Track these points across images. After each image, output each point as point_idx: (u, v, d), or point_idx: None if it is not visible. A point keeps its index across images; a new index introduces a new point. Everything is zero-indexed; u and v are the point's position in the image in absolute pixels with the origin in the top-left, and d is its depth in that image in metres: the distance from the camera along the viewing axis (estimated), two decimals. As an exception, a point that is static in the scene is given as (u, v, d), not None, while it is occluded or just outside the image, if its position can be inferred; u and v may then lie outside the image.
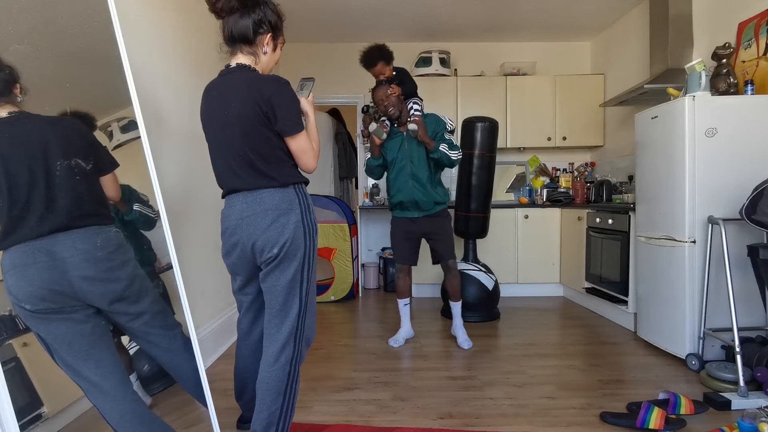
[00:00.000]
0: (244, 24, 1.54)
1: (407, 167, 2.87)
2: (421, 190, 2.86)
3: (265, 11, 1.57)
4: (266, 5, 1.58)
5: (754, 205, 2.18)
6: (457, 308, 3.09)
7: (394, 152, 2.89)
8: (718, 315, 2.47)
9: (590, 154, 4.88)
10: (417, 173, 2.85)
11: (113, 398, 1.45)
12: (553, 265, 4.30)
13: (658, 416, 1.86)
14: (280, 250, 1.55)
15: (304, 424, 1.94)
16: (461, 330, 3.04)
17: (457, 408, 2.09)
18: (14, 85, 1.40)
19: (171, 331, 1.64)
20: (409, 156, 2.87)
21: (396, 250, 3.04)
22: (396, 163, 2.90)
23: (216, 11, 1.55)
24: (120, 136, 1.69)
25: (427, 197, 2.88)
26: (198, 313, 2.54)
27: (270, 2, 1.61)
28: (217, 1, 1.52)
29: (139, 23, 2.14)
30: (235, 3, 1.52)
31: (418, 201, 2.87)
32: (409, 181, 2.86)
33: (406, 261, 3.02)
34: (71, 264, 1.38)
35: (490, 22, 4.32)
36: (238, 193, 1.59)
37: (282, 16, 1.64)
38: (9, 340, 1.47)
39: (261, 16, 1.56)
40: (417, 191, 2.86)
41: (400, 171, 2.89)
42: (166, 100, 2.39)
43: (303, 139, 1.58)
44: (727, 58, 2.66)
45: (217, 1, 1.52)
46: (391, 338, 3.06)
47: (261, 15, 1.56)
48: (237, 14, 1.54)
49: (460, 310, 3.09)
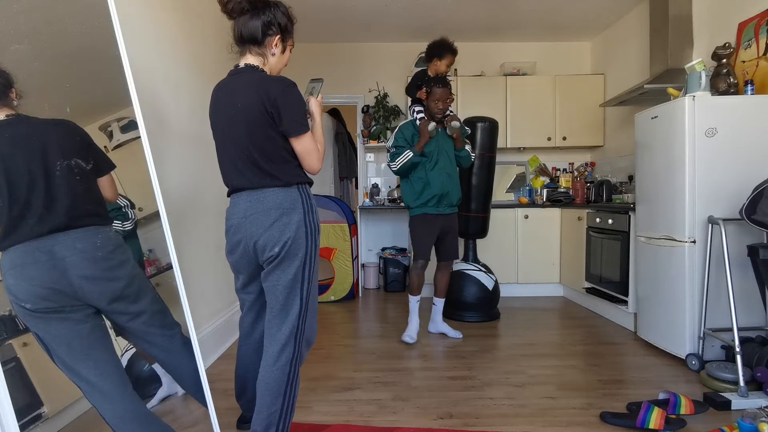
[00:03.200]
0: (254, 25, 1.56)
1: (441, 163, 2.99)
2: (453, 185, 3.03)
3: (275, 13, 1.58)
4: (277, 8, 1.60)
5: (754, 205, 2.18)
6: (441, 304, 3.24)
7: (430, 148, 2.98)
8: (718, 315, 2.47)
9: (590, 154, 4.88)
10: (449, 168, 3.01)
11: (112, 399, 1.45)
12: (553, 265, 4.30)
13: (658, 416, 1.86)
14: (281, 250, 1.55)
15: (304, 424, 1.94)
16: (445, 324, 3.21)
17: (457, 408, 2.09)
18: (11, 90, 1.41)
19: (170, 331, 1.64)
20: (443, 151, 3.01)
21: (419, 245, 3.07)
22: (432, 157, 2.99)
23: (227, 12, 1.57)
24: (120, 136, 1.69)
25: (457, 191, 3.06)
26: (198, 313, 2.54)
27: (281, 5, 1.62)
28: (228, 2, 1.54)
29: (139, 23, 2.14)
30: (246, 4, 1.54)
31: (451, 194, 3.00)
32: (443, 175, 2.98)
33: (427, 256, 3.10)
34: (71, 263, 1.38)
35: (490, 22, 4.32)
36: (242, 191, 1.60)
37: (293, 19, 1.65)
38: (9, 340, 1.47)
39: (271, 18, 1.57)
40: (450, 185, 3.00)
41: (435, 166, 2.98)
42: (166, 100, 2.39)
43: (308, 140, 1.58)
44: (727, 58, 2.66)
45: (229, 1, 1.54)
46: (405, 335, 3.07)
47: (271, 17, 1.57)
48: (247, 15, 1.56)
49: (442, 306, 3.26)
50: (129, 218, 1.75)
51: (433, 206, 2.99)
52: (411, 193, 3.04)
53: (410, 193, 3.05)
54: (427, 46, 3.21)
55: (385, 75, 4.85)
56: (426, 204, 2.99)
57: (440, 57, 3.12)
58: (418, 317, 3.14)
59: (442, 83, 2.94)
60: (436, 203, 2.99)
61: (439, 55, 3.12)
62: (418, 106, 3.14)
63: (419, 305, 3.14)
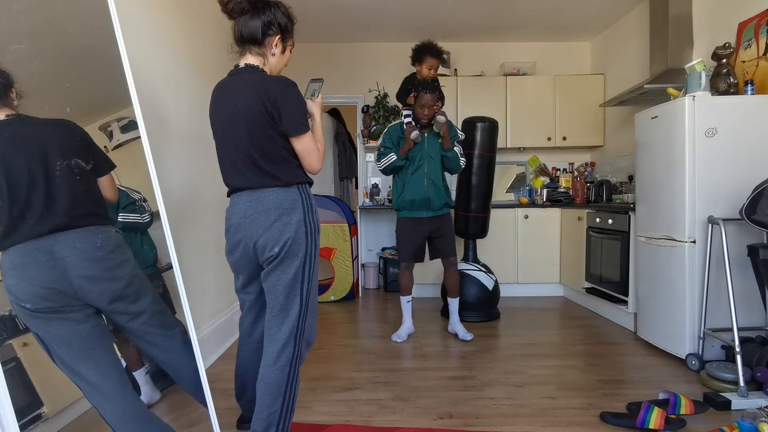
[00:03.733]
0: (254, 25, 1.57)
1: (424, 167, 2.97)
2: (434, 191, 2.98)
3: (275, 13, 1.59)
4: (277, 8, 1.60)
5: (754, 205, 2.18)
6: (455, 305, 3.17)
7: (414, 152, 2.97)
8: (718, 315, 2.47)
9: (590, 154, 4.88)
10: (432, 174, 2.97)
11: (112, 399, 1.45)
12: (553, 265, 4.30)
13: (658, 416, 1.86)
14: (281, 250, 1.55)
15: (304, 424, 1.94)
16: (460, 325, 3.13)
17: (457, 408, 2.09)
18: (11, 90, 1.41)
19: (170, 331, 1.64)
20: (428, 156, 2.97)
21: (402, 248, 3.08)
22: (414, 162, 2.98)
23: (227, 12, 1.58)
24: (120, 136, 1.69)
25: (439, 198, 3.00)
26: (198, 313, 2.54)
27: (282, 5, 1.62)
28: (228, 2, 1.55)
29: (139, 23, 2.14)
30: (246, 4, 1.55)
31: (431, 200, 2.97)
32: (425, 180, 2.96)
33: (411, 259, 3.08)
34: (71, 263, 1.38)
35: (490, 22, 4.32)
36: (242, 191, 1.60)
37: (293, 19, 1.65)
38: (9, 340, 1.47)
39: (271, 18, 1.58)
40: (431, 191, 2.96)
41: (417, 170, 2.96)
42: (166, 100, 2.39)
43: (308, 140, 1.59)
44: (727, 58, 2.66)
45: (229, 1, 1.55)
46: (394, 334, 3.11)
47: (271, 17, 1.58)
48: (248, 15, 1.56)
49: (457, 306, 3.18)
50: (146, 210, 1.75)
51: (415, 209, 3.00)
52: (395, 194, 3.10)
53: (394, 193, 3.11)
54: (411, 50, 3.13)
55: (385, 75, 4.85)
56: (408, 207, 3.01)
57: (420, 61, 3.05)
58: (410, 318, 3.15)
59: (431, 89, 2.90)
60: (418, 207, 2.98)
61: (418, 59, 3.06)
62: (406, 110, 3.10)
63: (411, 305, 3.15)
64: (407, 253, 3.06)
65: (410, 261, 3.08)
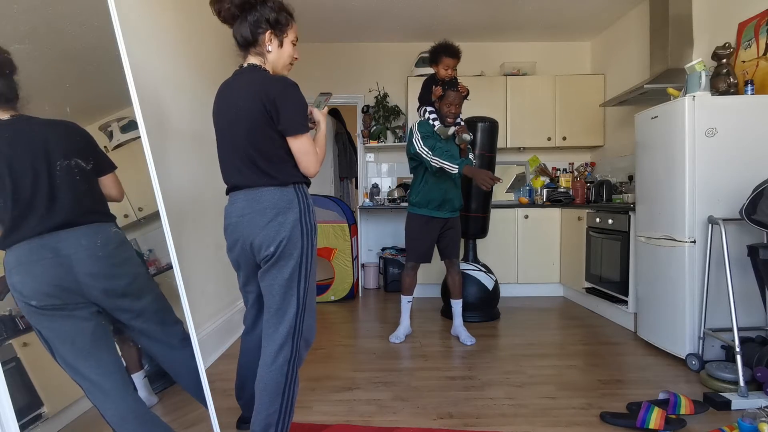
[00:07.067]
0: (245, 28, 1.59)
1: None
2: (455, 192, 3.02)
3: (261, 11, 1.59)
4: (264, 4, 1.60)
5: (754, 205, 2.18)
6: (459, 307, 3.15)
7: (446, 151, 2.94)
8: (718, 315, 2.47)
9: (590, 154, 4.88)
10: (456, 175, 2.95)
11: (113, 398, 1.45)
12: (553, 265, 4.30)
13: (658, 416, 1.86)
14: (276, 249, 1.56)
15: (304, 424, 1.94)
16: (463, 328, 3.11)
17: (457, 408, 2.09)
18: (17, 96, 1.42)
19: (172, 329, 1.64)
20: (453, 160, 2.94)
21: (412, 247, 3.06)
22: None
23: (223, 21, 1.62)
24: (120, 136, 1.69)
25: (458, 200, 3.06)
26: (198, 313, 2.54)
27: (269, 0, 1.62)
28: (220, 12, 1.59)
29: (139, 23, 2.14)
30: (235, 10, 1.58)
31: (452, 201, 3.00)
32: (448, 181, 2.98)
33: (421, 259, 3.06)
34: (76, 260, 1.40)
35: (490, 22, 4.32)
36: (240, 190, 1.61)
37: (286, 10, 1.65)
38: (9, 340, 1.47)
39: (257, 17, 1.59)
40: (452, 192, 3.00)
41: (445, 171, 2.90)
42: (167, 100, 2.39)
43: (305, 141, 1.59)
44: (727, 58, 2.66)
45: (220, 11, 1.59)
46: (392, 335, 3.10)
47: (257, 15, 1.59)
48: (239, 20, 1.60)
49: (461, 308, 3.16)
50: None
51: (433, 208, 2.99)
52: (414, 190, 3.04)
53: (413, 189, 3.05)
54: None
55: (385, 75, 4.85)
56: (426, 205, 2.99)
57: (437, 62, 3.03)
58: (408, 318, 3.14)
59: (455, 87, 2.93)
60: (436, 206, 2.98)
61: (435, 60, 3.04)
62: (429, 107, 3.07)
63: (411, 306, 3.14)
64: (417, 253, 3.04)
65: (418, 261, 3.06)
